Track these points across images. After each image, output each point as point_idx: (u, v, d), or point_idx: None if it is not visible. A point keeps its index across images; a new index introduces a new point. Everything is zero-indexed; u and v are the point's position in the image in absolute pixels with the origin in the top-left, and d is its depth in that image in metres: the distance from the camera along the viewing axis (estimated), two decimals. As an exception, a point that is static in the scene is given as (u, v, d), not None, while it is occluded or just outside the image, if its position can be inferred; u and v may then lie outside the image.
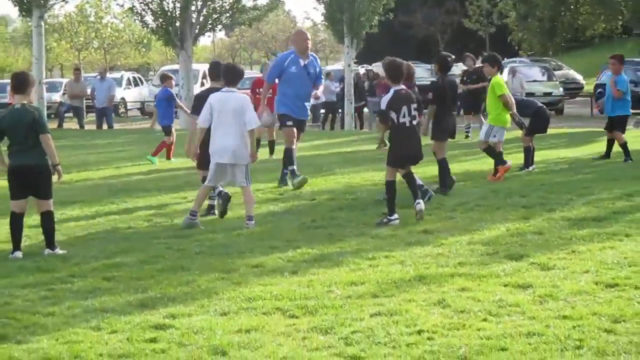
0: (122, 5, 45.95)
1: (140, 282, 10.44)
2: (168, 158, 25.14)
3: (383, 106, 14.37)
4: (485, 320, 8.28)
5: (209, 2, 37.76)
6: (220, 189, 14.51)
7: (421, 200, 14.03)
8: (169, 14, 38.64)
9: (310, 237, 13.09)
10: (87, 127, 40.48)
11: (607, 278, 9.79)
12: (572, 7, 58.94)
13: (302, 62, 18.27)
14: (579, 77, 54.68)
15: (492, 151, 18.72)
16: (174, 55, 44.53)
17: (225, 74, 14.19)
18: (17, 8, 40.68)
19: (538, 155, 21.08)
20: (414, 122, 14.28)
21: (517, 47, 67.15)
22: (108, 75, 42.32)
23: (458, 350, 7.31)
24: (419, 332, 7.93)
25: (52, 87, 47.84)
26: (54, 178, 12.05)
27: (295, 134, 18.49)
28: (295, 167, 18.11)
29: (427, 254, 11.35)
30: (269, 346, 7.51)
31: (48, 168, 11.71)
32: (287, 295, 9.51)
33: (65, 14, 66.39)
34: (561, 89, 46.20)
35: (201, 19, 38.76)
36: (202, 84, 44.47)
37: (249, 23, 44.68)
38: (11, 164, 11.67)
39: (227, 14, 38.60)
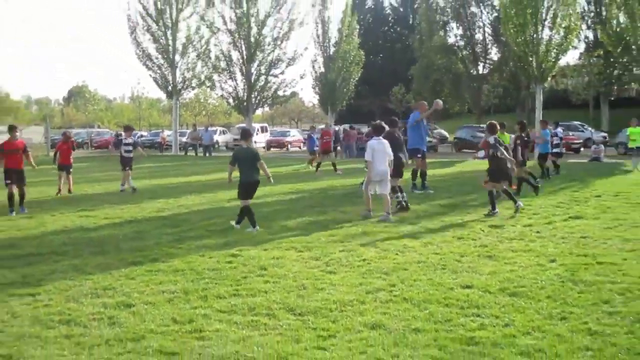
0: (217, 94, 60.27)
1: (224, 233, 13.64)
2: None
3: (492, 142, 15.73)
4: (397, 254, 11.29)
5: (262, 93, 50.18)
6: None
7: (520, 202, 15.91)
8: (241, 98, 49.96)
9: (310, 212, 16.38)
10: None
11: (459, 234, 12.67)
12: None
13: (424, 121, 21.02)
14: (445, 133, 58.74)
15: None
16: (243, 118, 51.94)
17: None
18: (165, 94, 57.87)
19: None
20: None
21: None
22: (210, 128, 54.68)
23: (383, 269, 10.20)
24: (363, 259, 10.87)
25: (182, 134, 60.17)
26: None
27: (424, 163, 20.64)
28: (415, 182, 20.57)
29: (372, 222, 14.48)
30: (288, 266, 10.49)
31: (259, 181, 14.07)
32: (297, 240, 12.67)
33: (189, 97, 75.91)
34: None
35: (257, 100, 50.30)
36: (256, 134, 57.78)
37: (280, 104, 60.65)
38: (243, 179, 13.77)
39: (270, 99, 51.65)
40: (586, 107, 61.15)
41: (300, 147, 61.58)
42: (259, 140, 58.22)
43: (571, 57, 54.85)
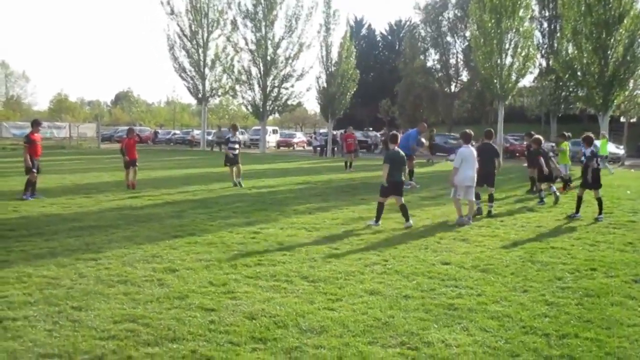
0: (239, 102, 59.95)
1: (247, 214, 13.62)
2: None
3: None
4: (388, 236, 11.11)
5: (275, 102, 49.95)
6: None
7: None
8: (257, 105, 49.50)
9: (316, 199, 16.30)
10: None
11: (438, 222, 12.66)
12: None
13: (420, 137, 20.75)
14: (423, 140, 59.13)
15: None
16: (258, 121, 52.50)
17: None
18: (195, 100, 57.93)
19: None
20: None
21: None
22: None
23: (377, 247, 10.28)
24: (361, 239, 10.96)
25: (208, 133, 58.14)
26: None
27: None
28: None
29: (370, 209, 14.06)
30: (301, 243, 10.53)
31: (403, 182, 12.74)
32: (307, 222, 12.72)
33: (214, 103, 74.52)
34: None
35: (270, 108, 50.18)
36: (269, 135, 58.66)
37: (289, 111, 59.54)
38: (391, 179, 12.16)
39: (282, 107, 51.16)
40: (539, 122, 61.09)
41: (304, 147, 61.64)
42: (271, 140, 58.28)
43: (527, 80, 54.25)
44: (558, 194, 16.56)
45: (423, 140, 21.28)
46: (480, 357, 5.51)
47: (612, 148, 36.58)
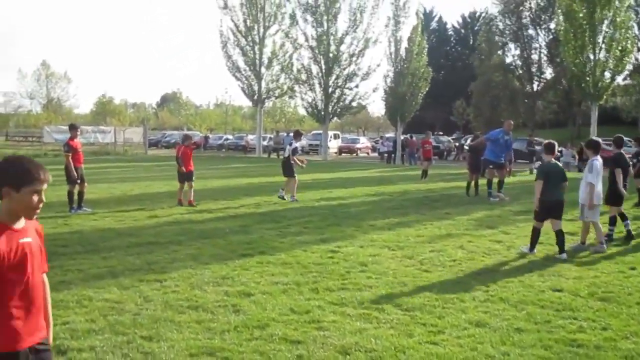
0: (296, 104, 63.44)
1: (321, 230, 13.48)
2: None
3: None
4: (484, 257, 10.98)
5: (338, 103, 50.78)
6: None
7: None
8: (319, 108, 50.07)
9: (394, 213, 15.98)
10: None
11: (540, 239, 12.07)
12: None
13: (505, 137, 19.96)
14: None
15: None
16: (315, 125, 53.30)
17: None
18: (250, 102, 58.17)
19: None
20: None
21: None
22: (290, 134, 53.70)
23: (474, 269, 9.94)
24: (453, 260, 10.61)
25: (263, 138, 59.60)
26: None
27: (494, 172, 20.01)
28: (491, 191, 19.82)
29: (456, 225, 13.87)
30: (385, 264, 10.24)
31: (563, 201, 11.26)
32: (389, 239, 12.41)
33: (269, 106, 74.18)
34: None
35: (333, 110, 51.03)
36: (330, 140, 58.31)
37: (353, 114, 63.40)
38: (547, 199, 10.97)
39: (345, 109, 52.65)
40: (635, 125, 59.43)
41: (368, 154, 61.40)
42: (332, 145, 58.17)
43: (620, 78, 52.74)
44: None
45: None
46: (622, 407, 5.12)
47: None
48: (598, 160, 11.94)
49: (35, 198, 3.34)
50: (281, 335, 6.55)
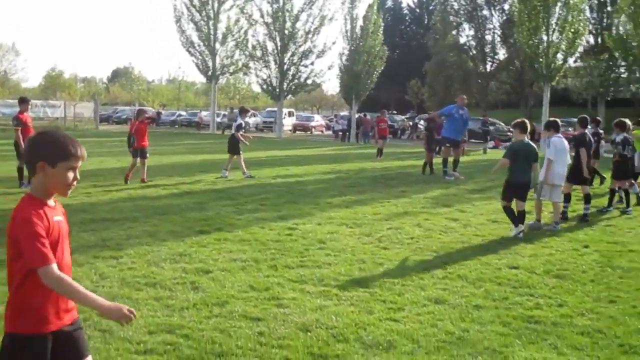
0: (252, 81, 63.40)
1: (278, 207, 13.34)
2: None
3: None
4: (441, 234, 11.06)
5: (293, 81, 50.17)
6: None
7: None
8: (274, 85, 49.13)
9: (351, 191, 15.93)
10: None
11: (493, 217, 12.18)
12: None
13: (460, 111, 19.82)
14: None
15: None
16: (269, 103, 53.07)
17: None
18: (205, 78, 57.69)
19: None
20: None
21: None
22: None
23: (432, 247, 9.98)
24: (411, 238, 10.64)
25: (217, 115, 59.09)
26: None
27: (450, 150, 19.93)
28: (447, 169, 19.75)
29: (412, 203, 13.96)
30: (344, 241, 10.23)
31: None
32: (346, 217, 12.40)
33: (223, 82, 72.24)
34: None
35: (288, 88, 50.51)
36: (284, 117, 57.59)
37: (308, 91, 61.47)
38: (514, 179, 10.94)
39: (300, 87, 51.49)
40: (585, 106, 60.50)
41: (322, 132, 61.38)
42: (287, 123, 57.93)
43: (571, 59, 53.52)
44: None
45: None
46: (580, 382, 5.20)
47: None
48: (558, 138, 12.05)
49: (70, 174, 3.24)
50: (241, 313, 6.49)
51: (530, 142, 11.26)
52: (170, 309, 6.58)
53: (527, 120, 11.41)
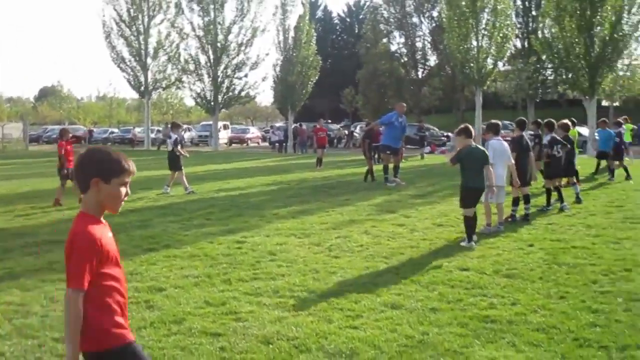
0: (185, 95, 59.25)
1: (224, 221, 13.29)
2: None
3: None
4: (389, 240, 11.17)
5: (227, 94, 50.22)
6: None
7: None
8: (208, 99, 49.28)
9: (295, 202, 16.02)
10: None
11: (437, 221, 12.47)
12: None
13: (399, 119, 19.86)
14: None
15: None
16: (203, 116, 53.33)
17: None
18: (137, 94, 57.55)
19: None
20: None
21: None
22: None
23: (382, 253, 10.08)
24: (360, 245, 10.71)
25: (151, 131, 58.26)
26: None
27: (390, 157, 19.96)
28: (388, 176, 19.84)
29: (358, 211, 14.07)
30: (294, 252, 10.23)
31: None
32: (294, 227, 12.42)
33: (158, 97, 71.22)
34: None
35: (223, 100, 50.80)
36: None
37: (243, 103, 61.29)
38: (470, 184, 10.68)
39: (234, 99, 51.86)
40: (514, 108, 61.93)
41: (259, 143, 61.32)
42: (222, 136, 57.60)
43: (500, 63, 54.81)
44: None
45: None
46: (541, 378, 5.32)
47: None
48: (497, 141, 12.28)
49: (123, 190, 3.32)
50: (200, 329, 6.43)
51: (479, 146, 11.27)
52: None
53: (470, 126, 11.38)
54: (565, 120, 15.81)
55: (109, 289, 3.25)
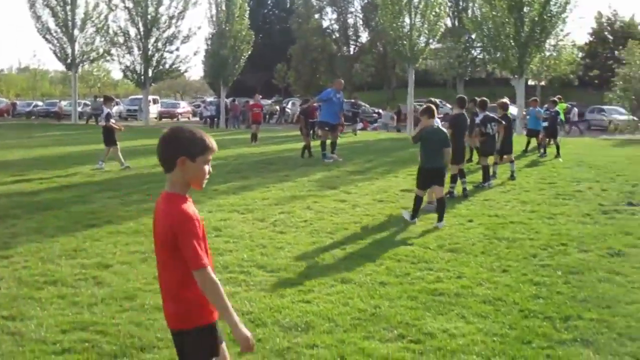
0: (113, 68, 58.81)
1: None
2: None
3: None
4: (332, 216, 11.31)
5: (158, 67, 48.68)
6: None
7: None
8: (138, 72, 47.48)
9: (235, 177, 15.92)
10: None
11: (378, 197, 12.62)
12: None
13: (337, 95, 20.01)
14: None
15: None
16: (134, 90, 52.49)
17: None
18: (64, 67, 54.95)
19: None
20: None
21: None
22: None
23: (326, 229, 10.17)
24: (304, 221, 10.80)
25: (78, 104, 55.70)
26: None
27: (328, 133, 20.21)
28: (325, 152, 20.10)
29: (297, 186, 14.25)
30: (239, 227, 10.25)
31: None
32: (236, 203, 12.44)
33: (85, 70, 69.19)
34: None
35: (153, 74, 49.09)
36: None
37: (174, 77, 59.52)
38: (428, 166, 10.63)
39: (165, 73, 50.32)
40: (444, 86, 63.05)
41: (189, 118, 60.55)
42: (152, 110, 56.53)
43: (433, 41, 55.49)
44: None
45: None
46: (492, 347, 5.50)
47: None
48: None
49: (207, 167, 3.33)
50: (153, 305, 6.38)
51: (441, 127, 11.22)
52: (78, 306, 6.40)
53: (432, 106, 11.20)
54: (505, 99, 16.20)
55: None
